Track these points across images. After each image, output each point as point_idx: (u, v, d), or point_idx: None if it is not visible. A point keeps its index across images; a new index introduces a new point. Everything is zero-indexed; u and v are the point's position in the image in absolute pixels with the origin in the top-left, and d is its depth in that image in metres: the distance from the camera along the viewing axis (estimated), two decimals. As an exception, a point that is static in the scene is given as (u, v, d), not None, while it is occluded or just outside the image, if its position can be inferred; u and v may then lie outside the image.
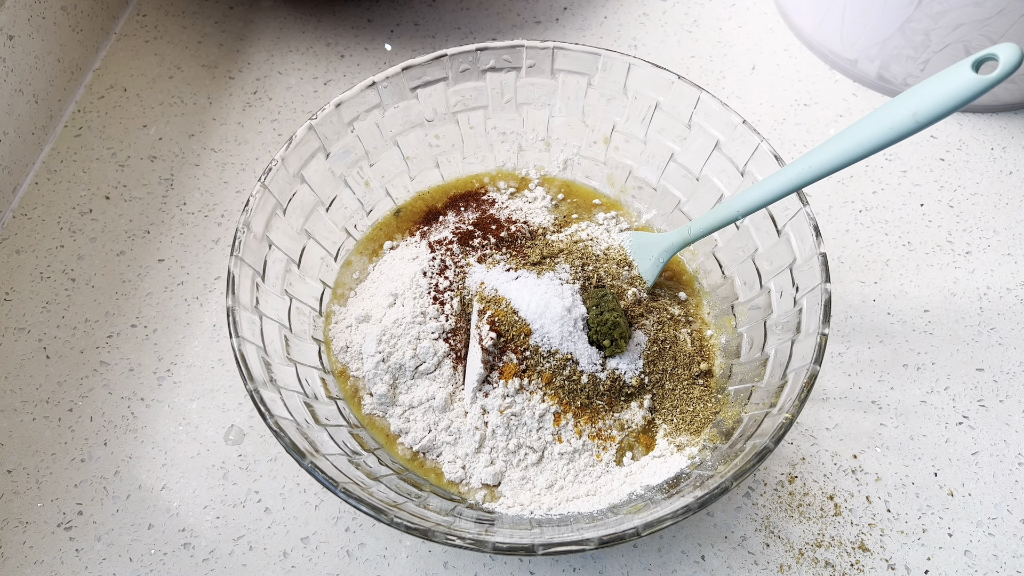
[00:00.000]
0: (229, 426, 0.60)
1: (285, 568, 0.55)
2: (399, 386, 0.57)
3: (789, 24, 0.83)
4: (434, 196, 0.68)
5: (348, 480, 0.47)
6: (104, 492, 0.58)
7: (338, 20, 0.84)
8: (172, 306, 0.66)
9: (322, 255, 0.62)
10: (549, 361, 0.55)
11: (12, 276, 0.67)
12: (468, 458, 0.55)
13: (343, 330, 0.60)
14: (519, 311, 0.56)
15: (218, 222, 0.70)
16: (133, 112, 0.77)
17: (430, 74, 0.62)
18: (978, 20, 0.67)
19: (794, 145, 0.76)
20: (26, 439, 0.59)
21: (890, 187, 0.73)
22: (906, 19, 0.70)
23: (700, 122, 0.60)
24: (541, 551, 0.44)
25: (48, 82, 0.74)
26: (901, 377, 0.63)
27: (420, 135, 0.65)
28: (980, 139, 0.76)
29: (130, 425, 0.60)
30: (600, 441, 0.55)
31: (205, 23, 0.84)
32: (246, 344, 0.50)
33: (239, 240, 0.53)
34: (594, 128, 0.66)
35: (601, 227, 0.65)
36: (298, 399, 0.52)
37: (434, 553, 0.56)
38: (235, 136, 0.76)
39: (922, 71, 0.74)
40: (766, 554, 0.56)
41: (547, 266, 0.59)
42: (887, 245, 0.70)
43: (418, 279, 0.59)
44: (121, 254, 0.68)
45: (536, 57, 0.62)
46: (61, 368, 0.62)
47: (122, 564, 0.55)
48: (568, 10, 0.85)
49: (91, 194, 0.72)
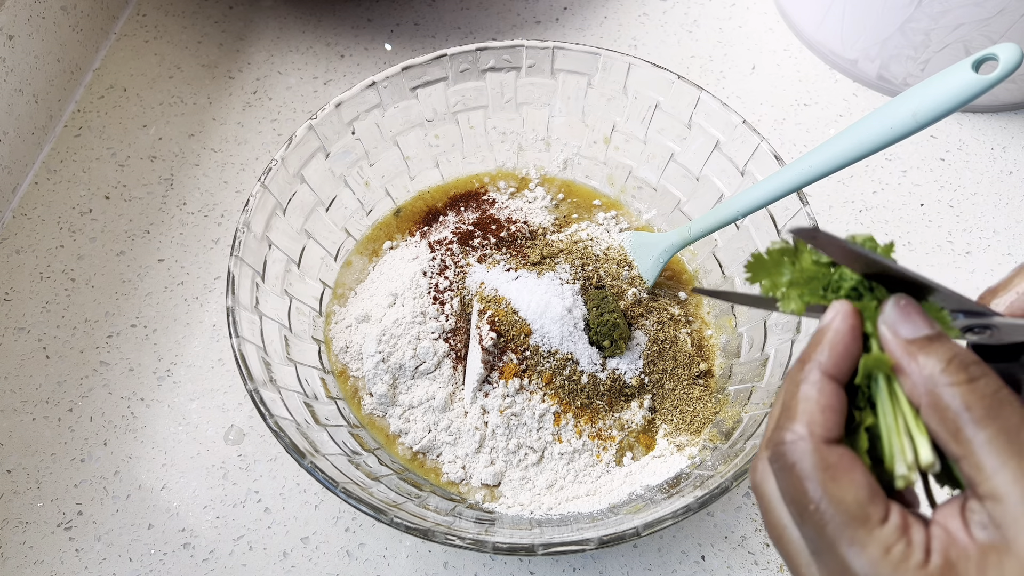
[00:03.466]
0: (229, 426, 0.60)
1: (285, 568, 0.55)
2: (399, 386, 0.57)
3: (789, 24, 0.83)
4: (434, 196, 0.68)
5: (348, 480, 0.47)
6: (104, 492, 0.58)
7: (338, 20, 0.84)
8: (172, 306, 0.66)
9: (322, 255, 0.62)
10: (549, 361, 0.55)
11: (12, 276, 0.67)
12: (468, 458, 0.55)
13: (343, 330, 0.60)
14: (519, 311, 0.56)
15: (218, 222, 0.70)
16: (133, 112, 0.77)
17: (430, 74, 0.62)
18: (978, 20, 0.67)
19: (794, 145, 0.76)
20: (26, 439, 0.59)
21: (890, 187, 0.73)
22: (906, 19, 0.70)
23: (700, 122, 0.60)
24: (541, 551, 0.44)
25: (48, 82, 0.74)
26: (901, 377, 0.63)
27: (420, 135, 0.65)
28: (980, 139, 0.76)
29: (130, 425, 0.60)
30: (600, 441, 0.55)
31: (205, 23, 0.84)
32: (246, 344, 0.50)
33: (239, 240, 0.53)
34: (594, 128, 0.66)
35: (601, 227, 0.65)
36: (298, 399, 0.52)
37: (434, 553, 0.56)
38: (235, 136, 0.76)
39: (922, 71, 0.74)
40: (766, 554, 0.56)
41: (547, 266, 0.59)
42: (887, 245, 0.70)
43: (418, 279, 0.59)
44: (121, 254, 0.68)
45: (536, 57, 0.62)
46: (61, 368, 0.62)
47: (122, 564, 0.55)
48: (568, 10, 0.85)
49: (91, 194, 0.71)
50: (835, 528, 0.26)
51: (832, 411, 0.28)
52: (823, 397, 0.28)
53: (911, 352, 0.27)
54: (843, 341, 0.28)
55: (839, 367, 0.28)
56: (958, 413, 0.25)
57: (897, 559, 0.25)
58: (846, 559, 0.26)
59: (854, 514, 0.26)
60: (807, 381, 0.28)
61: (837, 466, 0.27)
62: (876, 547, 0.25)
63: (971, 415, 0.25)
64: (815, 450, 0.27)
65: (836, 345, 0.28)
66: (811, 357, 0.29)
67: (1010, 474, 0.24)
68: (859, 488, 0.26)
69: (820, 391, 0.28)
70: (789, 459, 0.27)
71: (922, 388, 0.26)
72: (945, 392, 0.26)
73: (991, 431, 0.25)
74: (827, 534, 0.26)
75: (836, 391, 0.28)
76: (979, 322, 0.29)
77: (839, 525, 0.26)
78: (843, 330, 0.28)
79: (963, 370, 0.26)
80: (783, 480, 0.28)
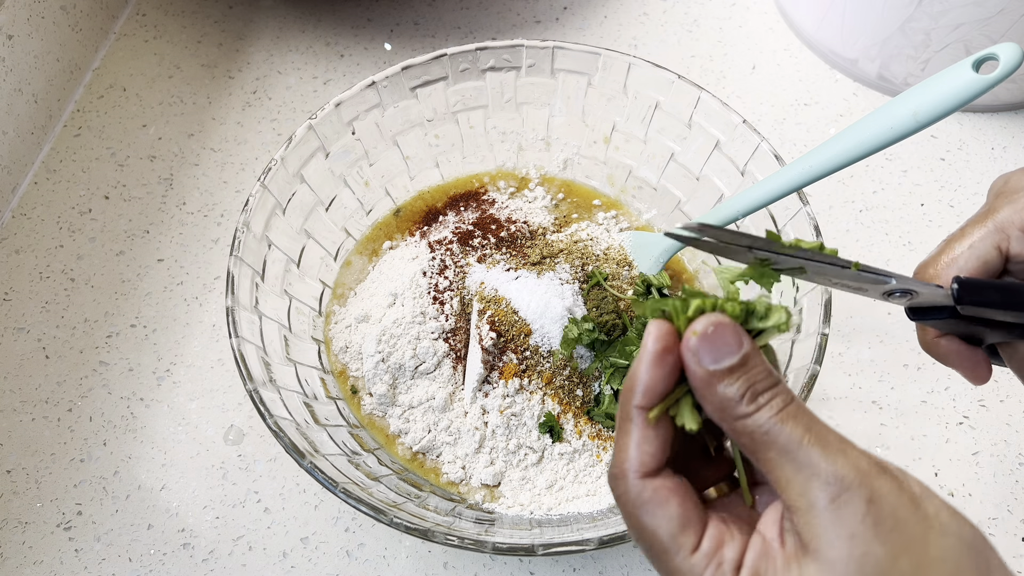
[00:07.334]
0: (228, 426, 0.60)
1: (285, 568, 0.55)
2: (399, 386, 0.57)
3: (789, 23, 0.83)
4: (434, 196, 0.67)
5: (348, 480, 0.47)
6: (103, 492, 0.57)
7: (338, 19, 0.84)
8: (171, 306, 0.66)
9: (322, 255, 0.62)
10: (549, 361, 0.55)
11: (11, 276, 0.67)
12: (468, 458, 0.55)
13: (343, 330, 0.60)
14: (519, 311, 0.56)
15: (217, 222, 0.70)
16: (132, 112, 0.77)
17: (430, 74, 0.62)
18: (978, 20, 0.67)
19: (794, 145, 0.76)
20: (25, 439, 0.59)
21: (890, 187, 0.73)
22: (907, 18, 0.70)
23: (700, 122, 0.60)
24: (541, 551, 0.44)
25: (47, 81, 0.74)
26: (901, 377, 0.63)
27: (420, 135, 0.65)
28: (980, 139, 0.76)
29: (129, 425, 0.60)
30: (600, 441, 0.55)
31: (205, 22, 0.83)
32: (246, 344, 0.50)
33: (238, 240, 0.53)
34: (594, 128, 0.66)
35: (601, 227, 0.65)
36: (298, 399, 0.52)
37: (434, 553, 0.55)
38: (234, 136, 0.76)
39: (923, 71, 0.74)
40: (766, 554, 0.55)
41: (547, 266, 0.59)
42: (887, 245, 0.70)
43: (418, 279, 0.59)
44: (120, 254, 0.68)
45: (536, 57, 0.62)
46: (60, 368, 0.62)
47: (121, 564, 0.55)
48: (568, 9, 0.85)
49: (90, 194, 0.71)
50: (653, 556, 0.29)
51: (646, 443, 0.29)
52: (636, 431, 0.29)
53: (711, 383, 0.28)
54: (653, 371, 0.28)
55: (651, 397, 0.29)
56: (751, 438, 0.27)
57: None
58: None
59: (666, 546, 0.28)
60: (622, 417, 0.30)
61: (650, 501, 0.29)
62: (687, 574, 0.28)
63: (762, 439, 0.27)
64: (631, 486, 0.29)
65: (642, 378, 0.29)
66: (630, 389, 0.29)
67: (797, 487, 0.26)
68: (670, 521, 0.28)
69: (636, 426, 0.29)
70: (615, 494, 0.30)
71: (718, 417, 0.28)
72: (738, 424, 0.28)
73: (775, 451, 0.27)
74: (650, 559, 0.29)
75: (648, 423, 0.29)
76: (899, 287, 0.34)
77: (655, 554, 0.29)
78: (651, 358, 0.28)
79: (753, 400, 0.27)
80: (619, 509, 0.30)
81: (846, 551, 0.25)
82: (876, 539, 0.25)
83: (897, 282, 0.34)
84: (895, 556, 0.25)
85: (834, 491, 0.26)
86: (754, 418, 0.27)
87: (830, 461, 0.26)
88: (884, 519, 0.26)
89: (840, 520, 0.26)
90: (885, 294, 0.35)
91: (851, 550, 0.25)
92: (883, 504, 0.26)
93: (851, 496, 0.26)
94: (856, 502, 0.26)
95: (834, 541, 0.25)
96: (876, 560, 0.25)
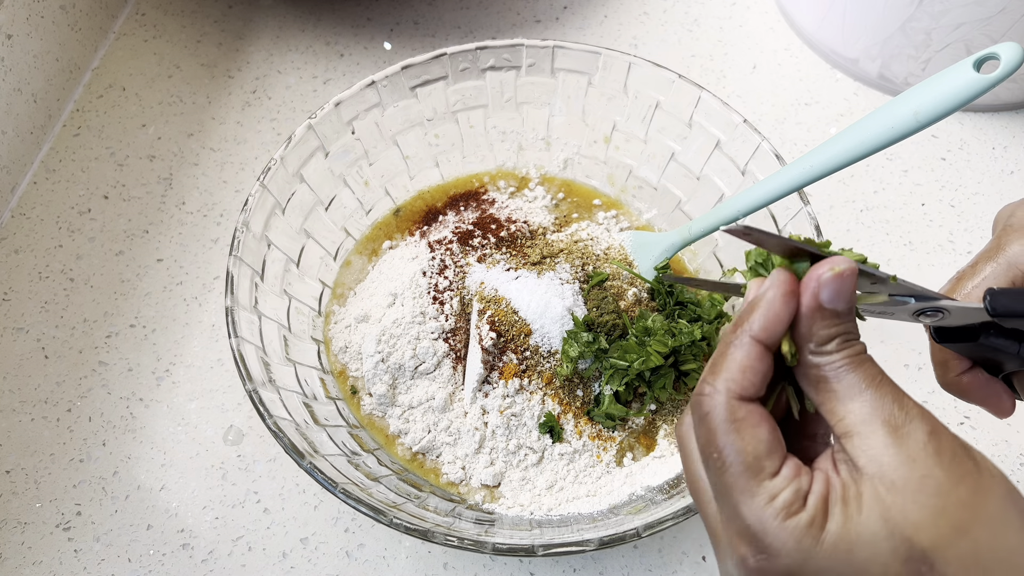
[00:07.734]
0: (228, 426, 0.60)
1: (284, 569, 0.55)
2: (398, 386, 0.57)
3: (790, 23, 0.83)
4: (434, 195, 0.67)
5: (347, 481, 0.47)
6: (103, 492, 0.57)
7: (337, 19, 0.84)
8: (171, 306, 0.66)
9: (321, 255, 0.62)
10: (549, 361, 0.55)
11: (10, 276, 0.67)
12: (468, 458, 0.55)
13: (342, 330, 0.60)
14: (519, 311, 0.56)
15: (217, 222, 0.70)
16: (132, 111, 0.77)
17: (430, 73, 0.62)
18: (979, 19, 0.67)
19: (795, 144, 0.75)
20: (25, 439, 0.59)
21: (891, 187, 0.73)
22: (907, 18, 0.70)
23: (701, 121, 0.60)
24: (541, 552, 0.44)
25: (47, 81, 0.73)
26: (902, 377, 0.63)
27: (420, 134, 0.65)
28: (981, 138, 0.76)
29: (129, 425, 0.60)
30: (600, 442, 0.55)
31: (204, 22, 0.83)
32: (245, 344, 0.50)
33: (238, 240, 0.53)
34: (594, 127, 0.66)
35: (601, 227, 0.65)
36: (297, 399, 0.52)
37: (434, 554, 0.55)
38: (234, 135, 0.75)
39: (923, 70, 0.74)
40: (767, 555, 0.55)
41: (547, 266, 0.59)
42: (888, 245, 0.70)
43: (418, 279, 0.59)
44: (120, 254, 0.68)
45: (536, 56, 0.62)
46: (60, 368, 0.62)
47: (121, 565, 0.55)
48: (568, 9, 0.85)
49: (90, 194, 0.71)
50: (732, 476, 0.30)
51: (751, 371, 0.31)
52: (745, 358, 0.31)
53: (814, 315, 0.30)
54: (774, 307, 0.31)
55: (768, 331, 0.31)
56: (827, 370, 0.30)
57: (780, 506, 0.29)
58: (738, 505, 0.29)
59: (749, 465, 0.29)
60: (734, 343, 0.31)
61: (744, 420, 0.30)
62: (763, 496, 0.29)
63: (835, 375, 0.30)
64: (726, 404, 0.30)
65: (767, 311, 0.31)
66: (743, 320, 0.31)
67: (862, 415, 0.29)
68: (759, 443, 0.30)
69: (744, 352, 0.31)
70: (703, 409, 0.31)
71: (799, 343, 0.31)
72: (823, 359, 0.30)
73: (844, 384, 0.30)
74: (725, 480, 0.30)
75: (760, 354, 0.31)
76: (929, 305, 0.34)
77: (735, 474, 0.30)
78: (775, 297, 0.31)
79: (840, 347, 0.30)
80: (697, 428, 0.31)
81: (907, 472, 0.28)
82: (938, 465, 0.28)
83: (924, 301, 0.34)
84: (954, 482, 0.27)
85: (899, 420, 0.28)
86: (836, 356, 0.30)
87: (894, 398, 0.29)
88: (943, 450, 0.28)
89: (902, 445, 0.28)
90: (915, 313, 0.35)
91: (911, 471, 0.28)
92: (942, 437, 0.28)
93: (913, 427, 0.28)
94: (918, 433, 0.28)
95: (896, 464, 0.28)
96: (937, 483, 0.27)
